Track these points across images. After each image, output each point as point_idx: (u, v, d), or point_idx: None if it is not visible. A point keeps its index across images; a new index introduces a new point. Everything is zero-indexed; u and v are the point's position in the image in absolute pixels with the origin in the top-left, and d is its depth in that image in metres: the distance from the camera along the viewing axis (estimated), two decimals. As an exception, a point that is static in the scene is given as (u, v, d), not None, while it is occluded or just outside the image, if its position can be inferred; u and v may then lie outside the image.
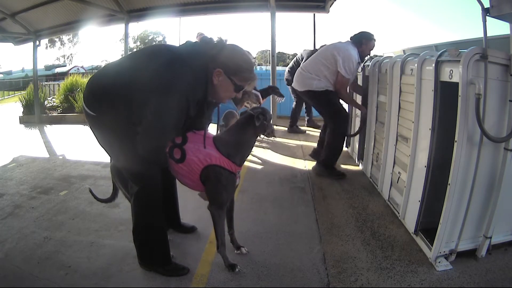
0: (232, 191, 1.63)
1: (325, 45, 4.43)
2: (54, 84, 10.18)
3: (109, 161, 1.72)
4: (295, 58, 4.87)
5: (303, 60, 4.51)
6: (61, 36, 27.12)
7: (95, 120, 1.43)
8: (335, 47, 2.93)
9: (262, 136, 1.78)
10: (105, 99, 1.39)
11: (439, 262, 1.65)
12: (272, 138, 1.92)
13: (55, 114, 6.87)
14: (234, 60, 1.39)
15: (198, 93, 1.39)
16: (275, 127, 3.63)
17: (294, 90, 4.51)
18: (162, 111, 1.30)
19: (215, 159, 1.51)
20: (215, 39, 1.42)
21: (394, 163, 2.31)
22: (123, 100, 1.35)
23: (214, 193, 1.57)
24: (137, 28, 38.97)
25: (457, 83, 1.53)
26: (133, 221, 1.59)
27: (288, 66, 4.97)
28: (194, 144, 1.54)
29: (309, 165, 3.29)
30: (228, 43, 1.43)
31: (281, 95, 4.05)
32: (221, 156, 1.52)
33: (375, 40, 3.00)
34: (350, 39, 3.01)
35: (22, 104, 7.03)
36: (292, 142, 4.37)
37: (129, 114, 1.36)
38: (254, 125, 1.57)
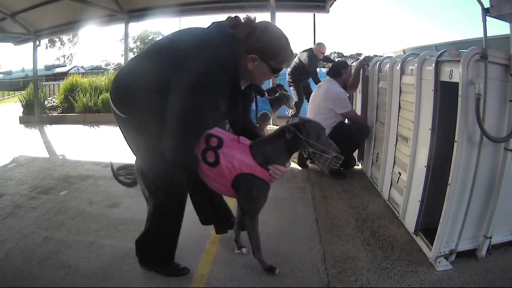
0: (264, 199, 1.55)
1: (306, 50, 4.59)
2: (54, 84, 10.20)
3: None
4: (296, 58, 4.87)
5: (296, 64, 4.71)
6: (61, 36, 27.15)
7: (124, 121, 1.36)
8: (322, 99, 3.01)
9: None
10: (132, 100, 1.32)
11: (439, 262, 1.65)
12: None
13: (55, 114, 6.87)
14: (268, 43, 1.26)
15: (227, 86, 1.27)
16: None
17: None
18: (186, 110, 1.22)
19: (249, 168, 1.43)
20: (242, 19, 1.28)
21: (394, 163, 2.31)
22: (151, 100, 1.28)
23: (246, 202, 1.53)
24: (137, 28, 39.07)
25: (457, 83, 1.53)
26: (147, 225, 1.56)
27: (289, 68, 4.92)
28: (230, 150, 1.45)
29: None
30: (257, 22, 1.29)
31: (292, 107, 4.13)
32: (256, 165, 1.44)
33: (350, 66, 3.22)
34: (328, 74, 3.16)
35: (22, 104, 7.04)
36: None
37: (158, 115, 1.26)
38: (284, 138, 1.44)
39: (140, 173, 1.56)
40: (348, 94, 3.25)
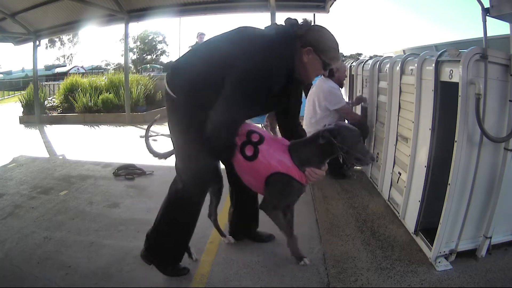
0: (294, 199, 1.59)
1: None
2: (54, 84, 10.19)
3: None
4: None
5: None
6: (61, 36, 27.12)
7: (174, 103, 1.41)
8: (316, 97, 3.00)
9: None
10: (189, 83, 1.37)
11: (439, 262, 1.65)
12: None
13: (55, 114, 6.88)
14: (322, 39, 1.39)
15: (284, 73, 1.37)
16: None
17: None
18: (241, 90, 1.30)
19: (286, 168, 1.46)
20: (300, 21, 1.41)
21: (394, 163, 2.31)
22: (209, 86, 1.34)
23: (272, 198, 1.55)
24: (137, 28, 38.97)
25: (457, 83, 1.53)
26: (159, 214, 1.57)
27: None
28: (269, 148, 1.49)
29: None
30: (312, 24, 1.43)
31: None
32: (293, 166, 1.46)
33: (345, 68, 3.25)
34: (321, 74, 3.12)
35: (22, 104, 7.04)
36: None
37: (209, 100, 1.33)
38: (318, 143, 1.46)
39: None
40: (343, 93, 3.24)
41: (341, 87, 3.15)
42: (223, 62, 1.33)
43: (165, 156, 1.79)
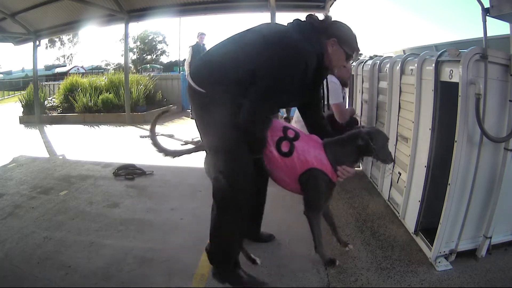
0: (328, 197, 1.63)
1: None
2: (54, 84, 10.17)
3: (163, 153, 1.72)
4: None
5: None
6: (61, 36, 27.11)
7: (204, 97, 1.40)
8: None
9: None
10: (215, 76, 1.39)
11: (439, 262, 1.65)
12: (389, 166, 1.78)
13: (55, 114, 6.87)
14: (344, 31, 1.49)
15: (316, 63, 1.43)
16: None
17: None
18: (273, 80, 1.34)
19: (321, 164, 1.50)
20: (322, 17, 1.50)
21: (394, 163, 2.31)
22: (239, 78, 1.36)
23: (313, 198, 1.56)
24: (137, 28, 38.94)
25: (457, 83, 1.53)
26: (215, 227, 1.53)
27: None
28: (305, 144, 1.52)
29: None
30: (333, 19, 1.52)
31: None
32: (328, 163, 1.51)
33: (350, 65, 3.19)
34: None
35: (22, 104, 7.04)
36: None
37: (238, 93, 1.35)
38: (356, 143, 1.53)
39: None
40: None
41: (346, 87, 3.09)
42: (253, 55, 1.37)
43: (175, 154, 1.73)
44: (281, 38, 1.40)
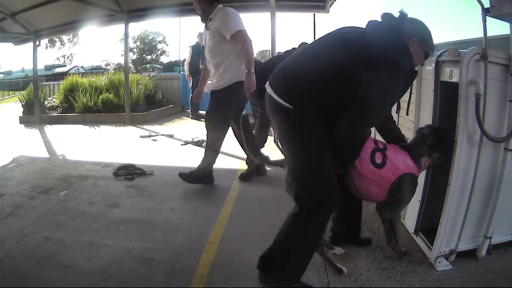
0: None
1: (304, 43, 4.49)
2: (54, 84, 10.16)
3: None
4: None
5: None
6: (61, 36, 27.09)
7: (290, 114, 1.33)
8: None
9: None
10: (305, 91, 1.33)
11: (439, 262, 1.65)
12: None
13: (55, 114, 6.87)
14: (423, 27, 1.41)
15: (410, 78, 1.42)
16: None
17: None
18: (383, 92, 1.30)
19: (411, 168, 1.54)
20: (394, 14, 1.41)
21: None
22: (327, 91, 1.31)
23: (402, 201, 1.59)
24: (137, 28, 38.92)
25: (457, 83, 1.53)
26: (286, 234, 1.42)
27: None
28: (393, 152, 1.55)
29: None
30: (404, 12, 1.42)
31: None
32: (415, 165, 1.56)
33: None
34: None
35: (22, 104, 7.03)
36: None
37: (331, 111, 1.31)
38: (425, 144, 1.61)
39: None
40: None
41: None
42: (342, 66, 1.29)
43: (279, 164, 1.67)
44: (379, 56, 1.28)
